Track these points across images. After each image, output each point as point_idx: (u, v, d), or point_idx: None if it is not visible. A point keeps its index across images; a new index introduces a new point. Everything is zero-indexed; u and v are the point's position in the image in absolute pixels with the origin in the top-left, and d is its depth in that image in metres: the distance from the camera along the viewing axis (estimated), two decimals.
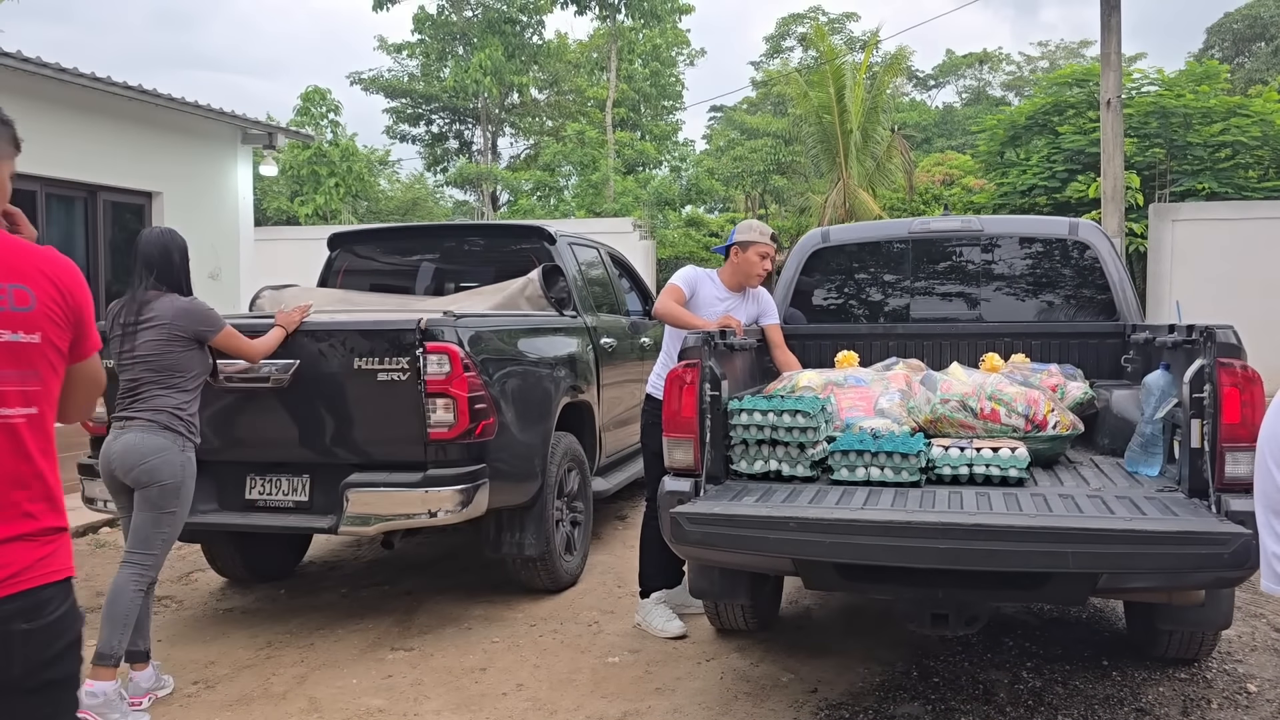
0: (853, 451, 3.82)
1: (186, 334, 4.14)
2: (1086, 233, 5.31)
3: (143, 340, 4.12)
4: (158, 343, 4.11)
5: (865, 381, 4.41)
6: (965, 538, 3.12)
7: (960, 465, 3.77)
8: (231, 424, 4.96)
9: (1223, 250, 13.87)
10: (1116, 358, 5.07)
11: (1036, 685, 4.18)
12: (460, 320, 4.78)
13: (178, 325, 4.13)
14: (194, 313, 4.19)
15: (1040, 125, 20.50)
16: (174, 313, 4.15)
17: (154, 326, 4.12)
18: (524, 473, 5.18)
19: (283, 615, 5.37)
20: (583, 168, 28.64)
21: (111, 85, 8.39)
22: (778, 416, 3.90)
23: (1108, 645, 4.63)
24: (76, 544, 7.10)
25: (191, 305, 4.21)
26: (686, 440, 3.80)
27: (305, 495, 4.86)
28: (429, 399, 4.65)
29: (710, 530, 3.37)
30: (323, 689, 4.33)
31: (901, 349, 5.31)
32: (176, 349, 4.12)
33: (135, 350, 4.13)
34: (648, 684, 4.33)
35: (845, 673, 4.37)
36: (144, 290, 4.18)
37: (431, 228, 7.88)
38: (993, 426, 4.08)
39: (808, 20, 41.37)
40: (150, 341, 4.11)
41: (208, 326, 4.21)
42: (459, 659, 4.66)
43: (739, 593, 4.51)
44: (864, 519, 3.22)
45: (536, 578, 5.52)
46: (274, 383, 4.80)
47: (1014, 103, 49.42)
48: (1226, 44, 39.04)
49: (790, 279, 5.65)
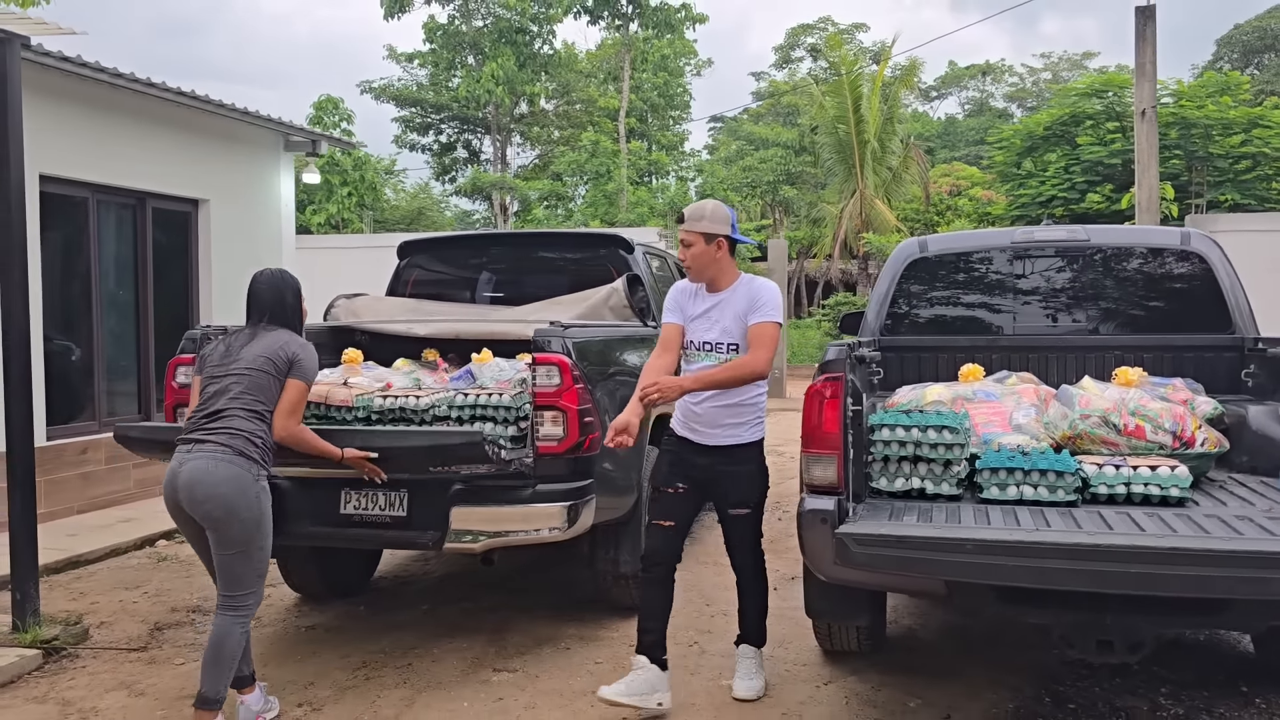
0: (1003, 469, 3.68)
1: (286, 363, 3.99)
2: (1199, 242, 5.19)
3: (246, 356, 3.96)
4: (261, 358, 3.95)
5: (996, 396, 4.27)
6: (1159, 563, 2.97)
7: (1117, 484, 3.63)
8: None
9: (1267, 262, 13.75)
10: (1233, 371, 4.94)
11: (1179, 713, 4.04)
12: (568, 330, 4.64)
13: (286, 351, 3.98)
14: (304, 350, 4.04)
15: (1058, 136, 20.46)
16: (286, 339, 4.01)
17: (262, 346, 3.97)
18: (624, 487, 5.04)
19: (370, 634, 5.21)
20: (596, 177, 28.54)
21: (165, 90, 8.25)
22: (922, 432, 3.76)
23: (1239, 670, 4.49)
24: (134, 558, 6.95)
25: (305, 345, 4.06)
26: (829, 456, 3.65)
27: (403, 510, 4.69)
28: (537, 411, 4.50)
29: (879, 552, 3.21)
30: (433, 713, 4.17)
31: (1005, 361, 5.17)
32: (272, 373, 3.96)
33: (231, 367, 3.96)
34: (771, 708, 4.18)
35: (974, 699, 4.22)
36: (261, 328, 4.05)
37: (503, 235, 7.72)
38: (1137, 443, 3.94)
39: (817, 31, 41.40)
40: (254, 357, 3.95)
41: (304, 371, 4.03)
42: (566, 681, 4.50)
43: (859, 614, 4.37)
44: (1050, 541, 3.06)
45: (629, 595, 5.34)
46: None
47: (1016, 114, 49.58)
48: (1236, 55, 39.10)
49: (886, 290, 5.51)
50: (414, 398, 4.83)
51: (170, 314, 9.08)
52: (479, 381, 5.09)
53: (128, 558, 6.96)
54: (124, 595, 6.04)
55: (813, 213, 31.70)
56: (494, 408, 4.74)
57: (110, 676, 4.70)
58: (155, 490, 8.61)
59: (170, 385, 4.98)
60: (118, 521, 7.63)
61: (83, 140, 7.95)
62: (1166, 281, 5.25)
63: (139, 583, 6.30)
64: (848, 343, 4.00)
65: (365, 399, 4.87)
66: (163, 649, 5.09)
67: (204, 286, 9.34)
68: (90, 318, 8.20)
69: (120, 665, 4.86)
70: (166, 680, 4.62)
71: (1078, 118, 20.12)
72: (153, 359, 8.80)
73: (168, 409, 5.03)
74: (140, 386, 8.84)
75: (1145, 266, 5.28)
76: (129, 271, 8.67)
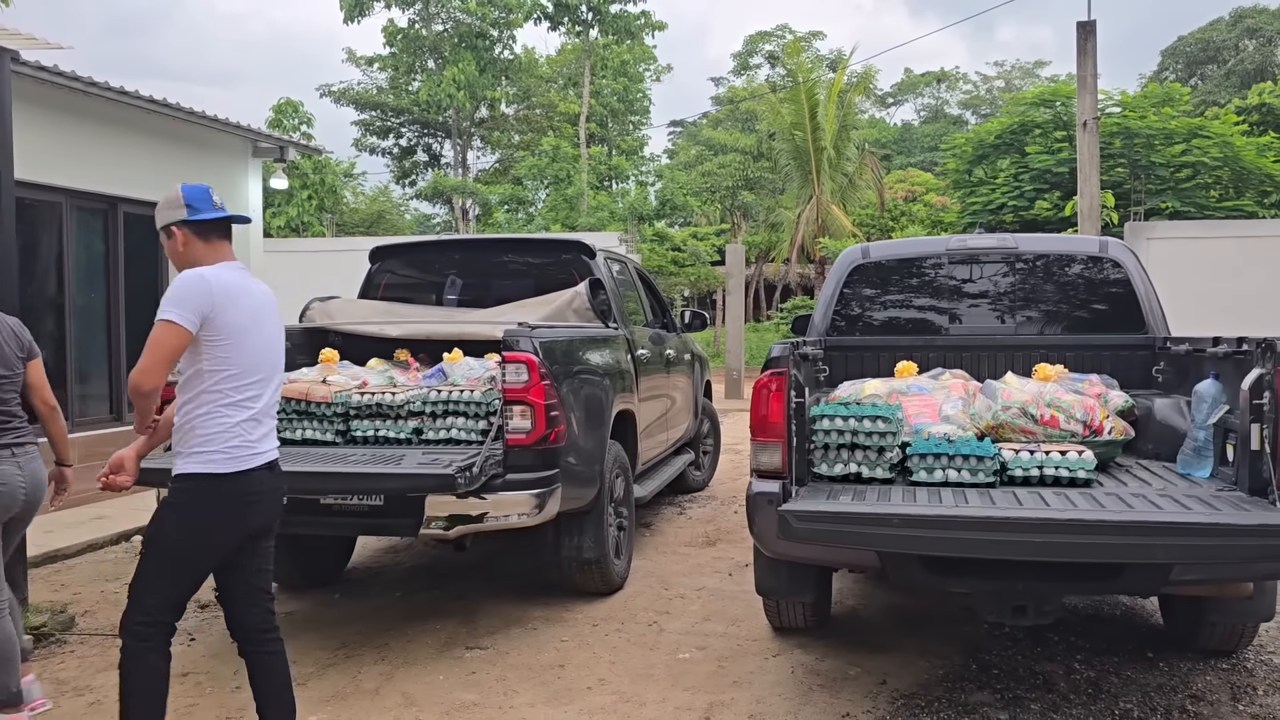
0: (930, 455, 4.08)
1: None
2: (1116, 250, 5.63)
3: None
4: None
5: (928, 390, 4.67)
6: (1060, 532, 3.38)
7: (1031, 467, 4.03)
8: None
9: (1195, 268, 14.39)
10: (1146, 368, 5.38)
11: (1091, 675, 4.46)
12: (535, 330, 4.98)
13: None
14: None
15: (1008, 145, 21.09)
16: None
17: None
18: (587, 478, 5.38)
19: (346, 619, 5.51)
20: (557, 182, 28.83)
21: (137, 98, 8.47)
22: (859, 422, 4.15)
23: (1148, 638, 4.93)
24: (111, 552, 7.18)
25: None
26: (774, 444, 4.04)
27: (380, 499, 5.00)
28: (506, 406, 4.84)
29: (817, 527, 3.59)
30: (412, 685, 4.49)
31: (942, 360, 5.58)
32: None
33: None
34: (724, 678, 4.54)
35: (908, 666, 4.61)
36: None
37: (471, 240, 8.04)
38: (1052, 432, 4.36)
39: (775, 38, 42.00)
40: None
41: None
42: (534, 657, 4.84)
43: (805, 591, 4.75)
44: (966, 515, 3.47)
45: (591, 580, 5.70)
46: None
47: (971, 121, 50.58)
48: (1180, 66, 40.27)
49: (831, 294, 5.90)
50: (390, 394, 5.15)
51: (140, 316, 9.29)
52: (450, 379, 5.42)
53: (105, 552, 7.19)
54: (105, 586, 6.28)
55: (771, 217, 32.21)
56: (465, 403, 5.08)
57: (99, 659, 4.96)
58: (125, 490, 8.81)
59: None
60: (91, 519, 7.84)
61: (56, 146, 8.15)
62: (1087, 286, 5.70)
63: (118, 575, 6.53)
64: (792, 341, 4.37)
65: (343, 395, 5.18)
66: None
67: None
68: (63, 321, 8.40)
69: (107, 650, 5.11)
70: None
71: (1027, 127, 20.77)
72: (124, 362, 9.01)
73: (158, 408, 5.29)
74: (111, 389, 9.04)
75: (1068, 272, 5.72)
76: (100, 275, 8.87)
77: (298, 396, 5.19)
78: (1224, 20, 40.47)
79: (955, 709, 4.12)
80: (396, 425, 5.18)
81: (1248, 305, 14.04)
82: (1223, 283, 14.50)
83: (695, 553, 6.92)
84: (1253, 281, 14.42)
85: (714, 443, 9.55)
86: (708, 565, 6.55)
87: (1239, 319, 13.63)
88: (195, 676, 4.66)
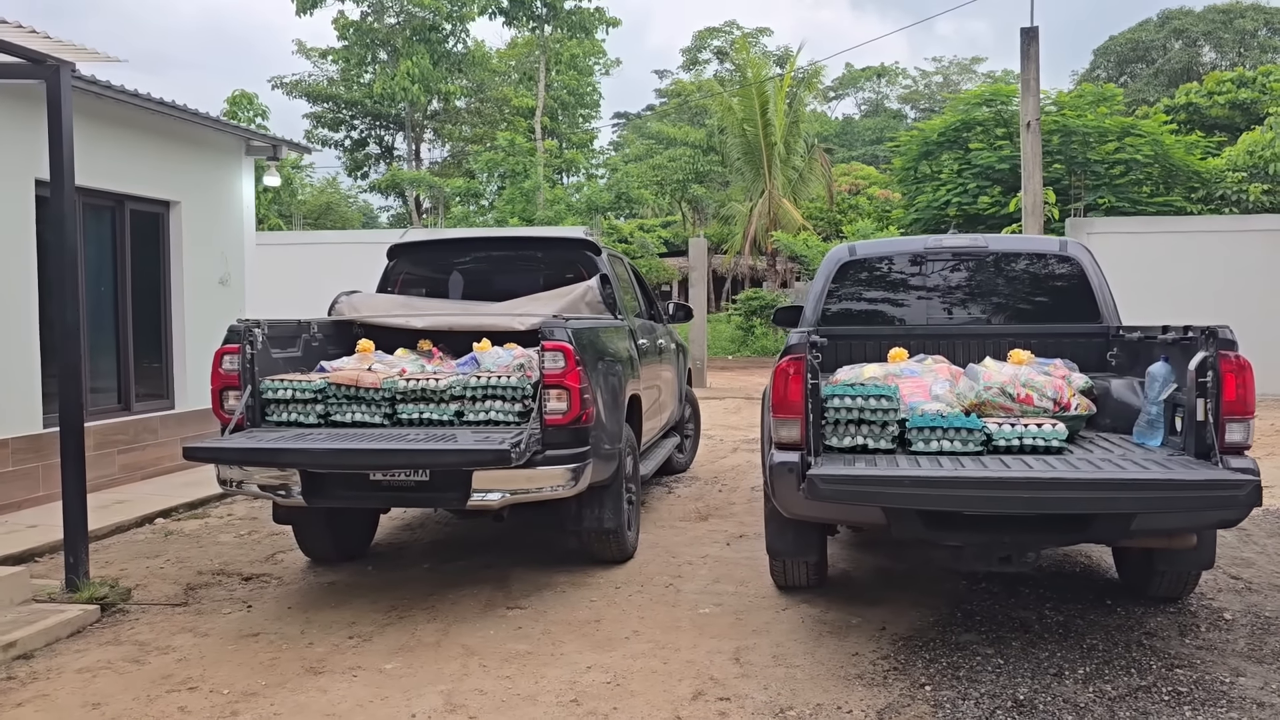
0: (926, 428, 4.73)
1: None
2: (1074, 249, 6.34)
3: None
4: None
5: (918, 373, 5.33)
6: (1042, 489, 4.07)
7: (1013, 438, 4.70)
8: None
9: (1133, 262, 15.34)
10: (1101, 353, 6.09)
11: (1060, 619, 5.16)
12: (569, 322, 5.54)
13: None
14: None
15: (951, 141, 21.97)
16: None
17: None
18: (610, 455, 5.95)
19: (387, 586, 6.02)
20: (513, 175, 29.22)
21: (147, 100, 8.82)
22: (865, 401, 4.78)
23: (1105, 589, 5.66)
24: (140, 533, 7.58)
25: None
26: (794, 420, 4.66)
27: (426, 475, 5.52)
28: (545, 389, 5.39)
29: (841, 488, 4.23)
30: (468, 638, 5.04)
31: (920, 347, 6.24)
32: None
33: None
34: (744, 627, 5.16)
35: (903, 615, 5.27)
36: None
37: (483, 239, 8.60)
38: (1027, 408, 5.04)
39: (723, 34, 42.69)
40: None
41: None
42: (571, 614, 5.41)
43: (810, 551, 5.39)
44: (966, 476, 4.13)
45: (609, 549, 6.28)
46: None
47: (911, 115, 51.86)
48: (1110, 64, 41.81)
49: (821, 289, 6.53)
50: (434, 380, 5.67)
51: (145, 309, 9.64)
52: (483, 366, 5.96)
53: (134, 533, 7.58)
54: (148, 563, 6.70)
55: (721, 211, 32.92)
56: (503, 388, 5.62)
57: (168, 624, 5.42)
58: (138, 475, 9.20)
59: (217, 372, 5.71)
60: (113, 503, 8.21)
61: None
62: (1049, 281, 6.40)
63: (156, 553, 6.96)
64: (805, 331, 4.98)
65: (390, 381, 5.69)
66: (203, 604, 5.81)
67: (175, 282, 9.91)
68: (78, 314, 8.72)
69: (171, 617, 5.57)
70: (222, 625, 5.38)
71: (969, 124, 21.65)
72: (132, 353, 9.36)
73: (214, 394, 5.76)
74: (120, 379, 9.38)
75: (1032, 269, 6.43)
76: (109, 270, 9.21)
77: (347, 383, 5.68)
78: (1152, 21, 42.17)
79: (948, 648, 4.79)
80: (439, 408, 5.70)
81: (1181, 296, 15.03)
82: (1158, 275, 15.51)
83: (691, 526, 7.53)
84: (1184, 274, 15.48)
85: (694, 427, 10.17)
86: (705, 537, 7.16)
87: (1174, 309, 14.62)
88: (267, 636, 5.15)
